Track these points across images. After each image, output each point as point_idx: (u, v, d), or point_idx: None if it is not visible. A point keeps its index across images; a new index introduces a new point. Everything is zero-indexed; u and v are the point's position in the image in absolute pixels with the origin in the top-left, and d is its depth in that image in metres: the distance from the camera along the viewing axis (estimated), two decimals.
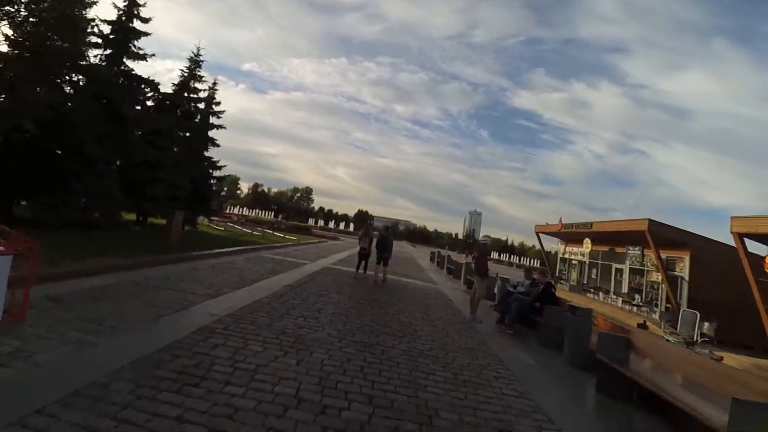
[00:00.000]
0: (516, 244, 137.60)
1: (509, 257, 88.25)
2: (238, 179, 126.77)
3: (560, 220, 24.59)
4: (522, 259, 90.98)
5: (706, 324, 14.59)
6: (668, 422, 4.28)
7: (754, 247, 13.54)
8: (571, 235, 24.47)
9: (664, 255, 17.12)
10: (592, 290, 23.87)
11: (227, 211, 72.87)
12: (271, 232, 28.21)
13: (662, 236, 16.52)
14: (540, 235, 29.11)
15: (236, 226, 29.87)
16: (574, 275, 27.30)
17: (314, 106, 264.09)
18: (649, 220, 16.28)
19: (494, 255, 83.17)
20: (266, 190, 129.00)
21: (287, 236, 26.20)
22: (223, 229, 23.90)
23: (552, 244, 29.96)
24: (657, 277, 19.10)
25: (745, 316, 15.91)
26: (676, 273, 17.44)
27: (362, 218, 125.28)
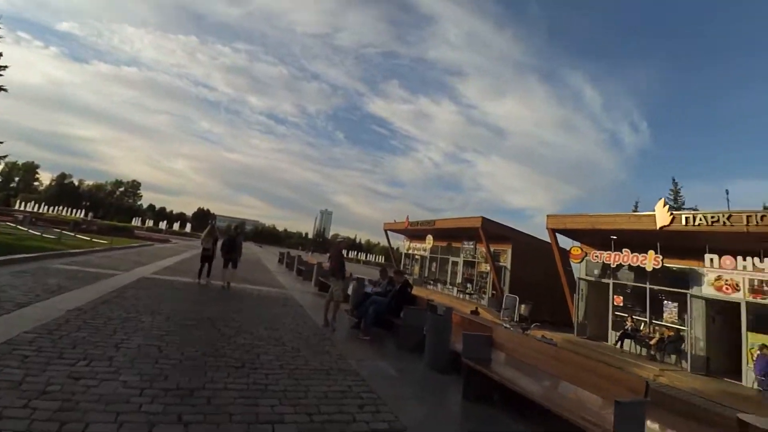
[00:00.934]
0: (364, 241, 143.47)
1: (357, 254, 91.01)
2: (37, 167, 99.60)
3: (407, 218, 25.94)
4: (369, 255, 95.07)
5: (523, 305, 17.00)
6: (537, 423, 4.10)
7: (563, 241, 16.25)
8: (415, 231, 26.00)
9: (492, 248, 19.32)
10: (431, 282, 25.81)
11: (16, 207, 56.48)
12: (73, 234, 22.33)
13: (492, 232, 18.67)
14: (388, 232, 30.39)
15: (20, 227, 22.77)
16: (416, 269, 29.24)
17: (152, 87, 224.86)
18: (483, 218, 18.26)
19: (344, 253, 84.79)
20: (76, 182, 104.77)
21: (96, 239, 20.99)
22: None
23: (398, 241, 31.60)
24: (485, 267, 21.55)
25: (549, 297, 19.15)
26: (500, 263, 19.91)
27: (203, 217, 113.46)
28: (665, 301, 13.50)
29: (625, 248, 13.34)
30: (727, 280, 11.78)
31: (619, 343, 13.30)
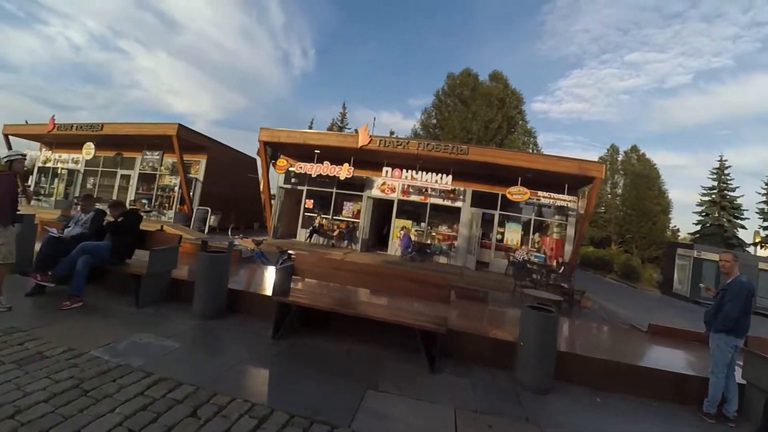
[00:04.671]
0: None
1: None
2: None
3: (52, 119, 18.48)
4: None
5: (213, 217, 16.53)
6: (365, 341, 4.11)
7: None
8: (66, 138, 19.04)
9: (185, 158, 17.01)
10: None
11: None
12: None
13: (188, 141, 16.23)
14: (10, 137, 20.79)
15: None
16: (60, 187, 21.99)
17: None
18: (179, 125, 15.62)
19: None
20: None
21: None
22: None
23: (30, 151, 22.10)
24: (170, 180, 18.86)
25: (235, 206, 19.33)
26: (191, 175, 17.92)
27: None
28: (345, 202, 16.43)
29: (326, 161, 14.74)
30: (389, 185, 15.38)
31: (309, 238, 15.27)
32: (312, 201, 16.48)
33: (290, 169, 15.41)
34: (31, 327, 3.86)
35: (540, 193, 13.70)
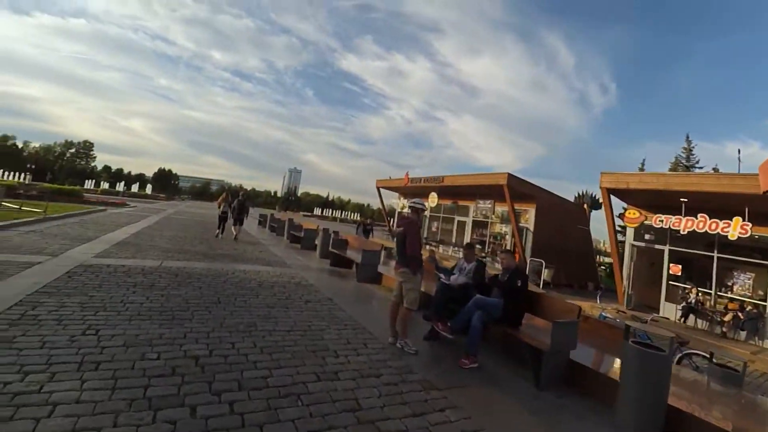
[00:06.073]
0: (335, 198, 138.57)
1: (331, 212, 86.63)
2: None
3: (407, 175, 23.39)
4: (344, 213, 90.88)
5: (546, 270, 14.98)
6: None
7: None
8: (416, 189, 23.35)
9: (515, 207, 17.00)
10: (433, 243, 23.49)
11: None
12: None
13: (516, 190, 16.13)
14: (381, 190, 27.71)
15: None
16: None
17: (102, 41, 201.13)
18: (509, 174, 15.58)
19: (317, 211, 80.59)
20: (20, 144, 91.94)
21: (29, 207, 16.76)
22: None
23: (392, 200, 28.72)
24: (500, 228, 19.26)
25: (566, 260, 17.30)
26: (521, 224, 17.62)
27: (164, 178, 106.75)
28: (736, 272, 11.60)
29: (700, 213, 10.99)
30: None
31: (683, 318, 11.46)
32: (680, 267, 12.48)
33: (645, 222, 12.46)
34: (446, 386, 3.56)
35: None
